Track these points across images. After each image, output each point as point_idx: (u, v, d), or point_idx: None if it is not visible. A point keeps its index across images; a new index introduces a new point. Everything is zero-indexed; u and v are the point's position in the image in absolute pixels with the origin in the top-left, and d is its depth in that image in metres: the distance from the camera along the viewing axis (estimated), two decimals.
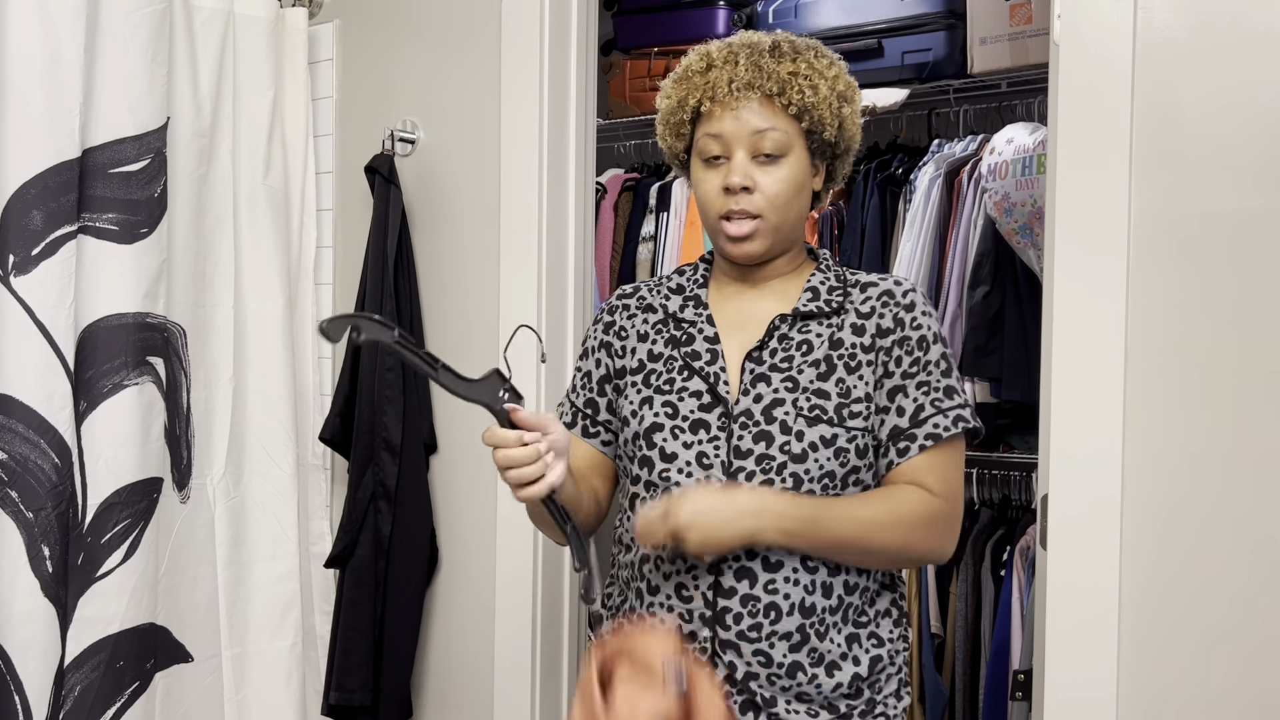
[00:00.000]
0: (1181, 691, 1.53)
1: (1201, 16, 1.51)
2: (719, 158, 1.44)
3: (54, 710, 2.04)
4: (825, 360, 1.45)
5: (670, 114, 1.50)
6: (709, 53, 1.46)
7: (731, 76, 1.42)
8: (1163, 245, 1.54)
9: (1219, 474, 1.51)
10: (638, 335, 1.54)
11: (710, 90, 1.43)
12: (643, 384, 1.50)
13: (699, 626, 1.40)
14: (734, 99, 1.42)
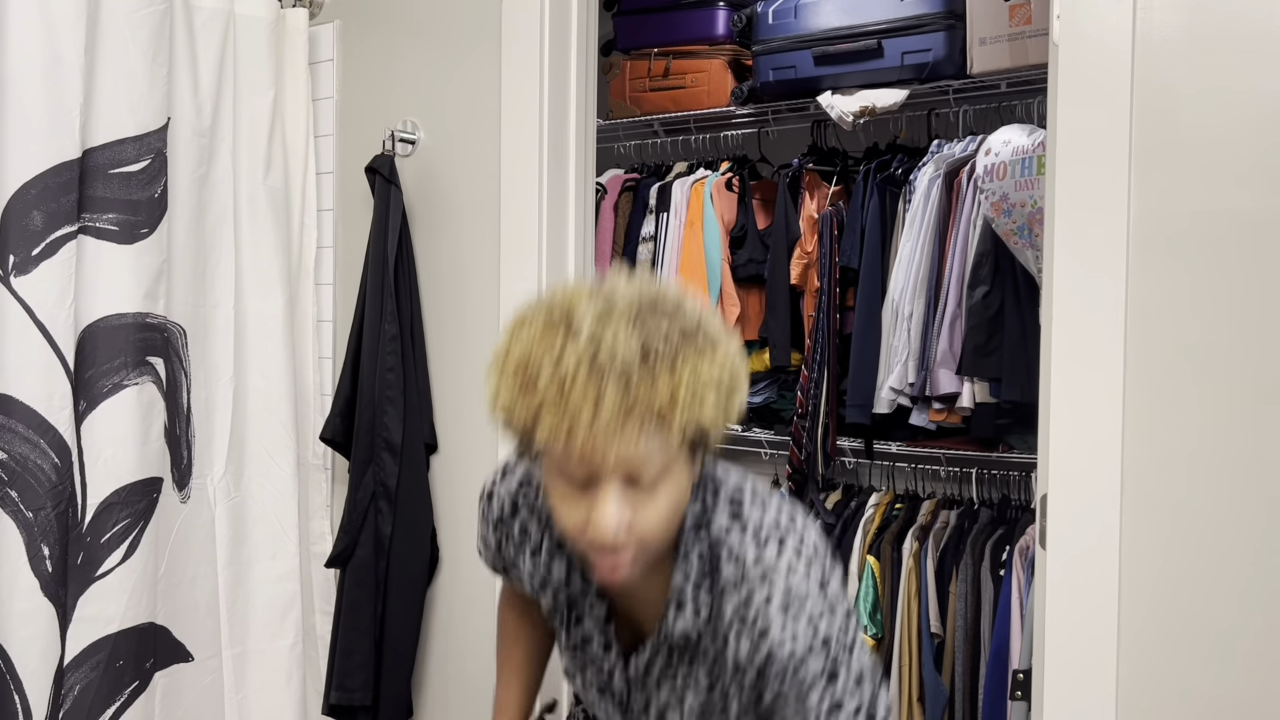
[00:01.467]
0: (1181, 691, 1.53)
1: (1201, 16, 1.51)
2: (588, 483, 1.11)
3: (53, 709, 2.04)
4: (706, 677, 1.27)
5: (510, 419, 1.11)
6: (564, 372, 1.06)
7: (598, 410, 1.05)
8: (1162, 245, 1.54)
9: (1219, 473, 1.51)
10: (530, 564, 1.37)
11: (571, 420, 1.05)
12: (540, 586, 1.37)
13: None
14: (604, 434, 1.05)
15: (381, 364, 2.29)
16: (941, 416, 2.67)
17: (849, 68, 2.76)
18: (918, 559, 2.59)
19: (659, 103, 3.20)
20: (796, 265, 2.89)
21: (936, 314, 2.61)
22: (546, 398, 1.06)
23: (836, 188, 2.92)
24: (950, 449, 2.77)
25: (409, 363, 2.32)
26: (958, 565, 2.56)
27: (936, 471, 2.86)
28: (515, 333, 1.13)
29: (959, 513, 2.72)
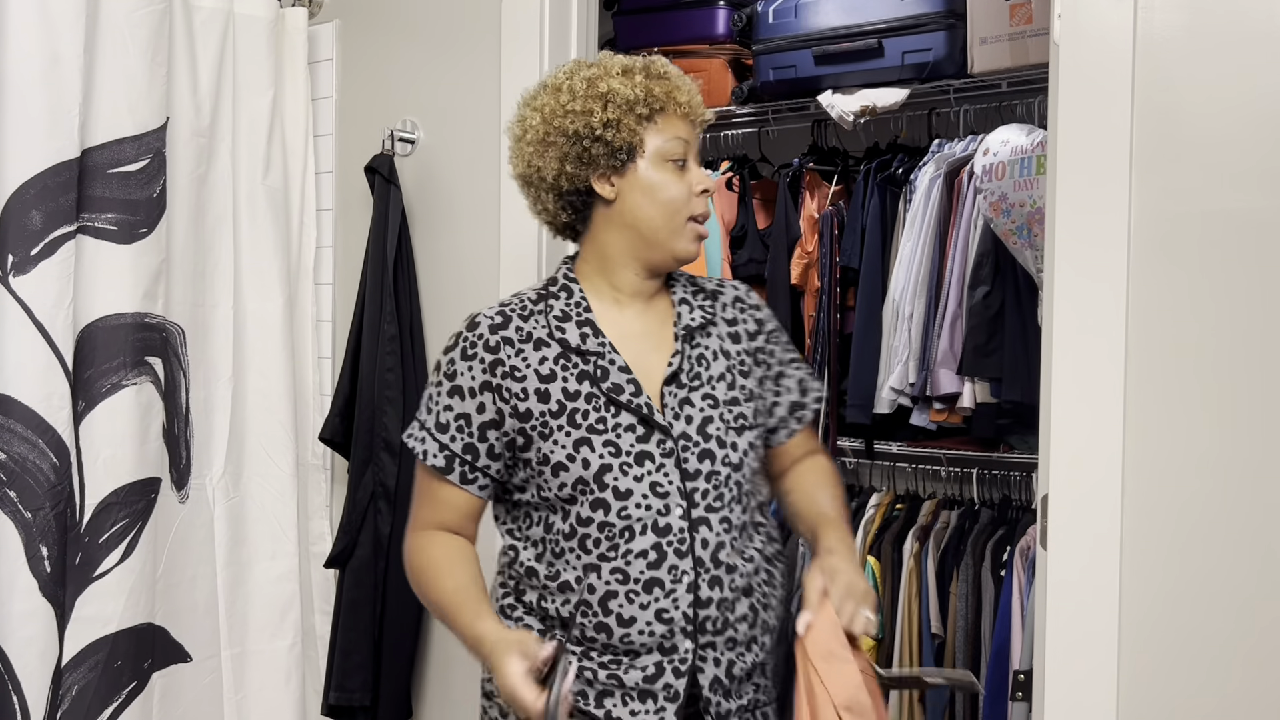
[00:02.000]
0: (1182, 691, 1.53)
1: (1202, 16, 1.51)
2: (681, 161, 1.50)
3: (51, 710, 2.04)
4: (725, 371, 1.54)
5: (634, 102, 1.46)
6: (651, 63, 1.52)
7: (686, 91, 1.52)
8: (1163, 245, 1.53)
9: (1219, 474, 1.50)
10: (538, 375, 1.47)
11: (671, 95, 1.49)
12: (569, 425, 1.45)
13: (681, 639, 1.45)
14: (690, 111, 1.52)
15: (381, 364, 2.28)
16: (942, 417, 2.67)
17: (849, 67, 2.75)
18: (918, 559, 2.59)
19: None
20: (797, 265, 2.88)
21: (937, 314, 2.60)
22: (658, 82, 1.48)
23: (837, 187, 2.91)
24: (951, 449, 2.77)
25: (408, 363, 2.32)
26: (958, 566, 2.56)
27: (937, 472, 2.85)
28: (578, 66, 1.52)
29: (960, 513, 2.71)
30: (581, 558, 1.45)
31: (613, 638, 1.44)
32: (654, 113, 1.48)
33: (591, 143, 1.46)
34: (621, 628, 1.44)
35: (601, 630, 1.45)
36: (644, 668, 1.45)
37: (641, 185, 1.48)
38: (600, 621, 1.45)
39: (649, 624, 1.44)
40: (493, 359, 1.47)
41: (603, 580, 1.44)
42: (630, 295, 1.53)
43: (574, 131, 1.46)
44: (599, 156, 1.47)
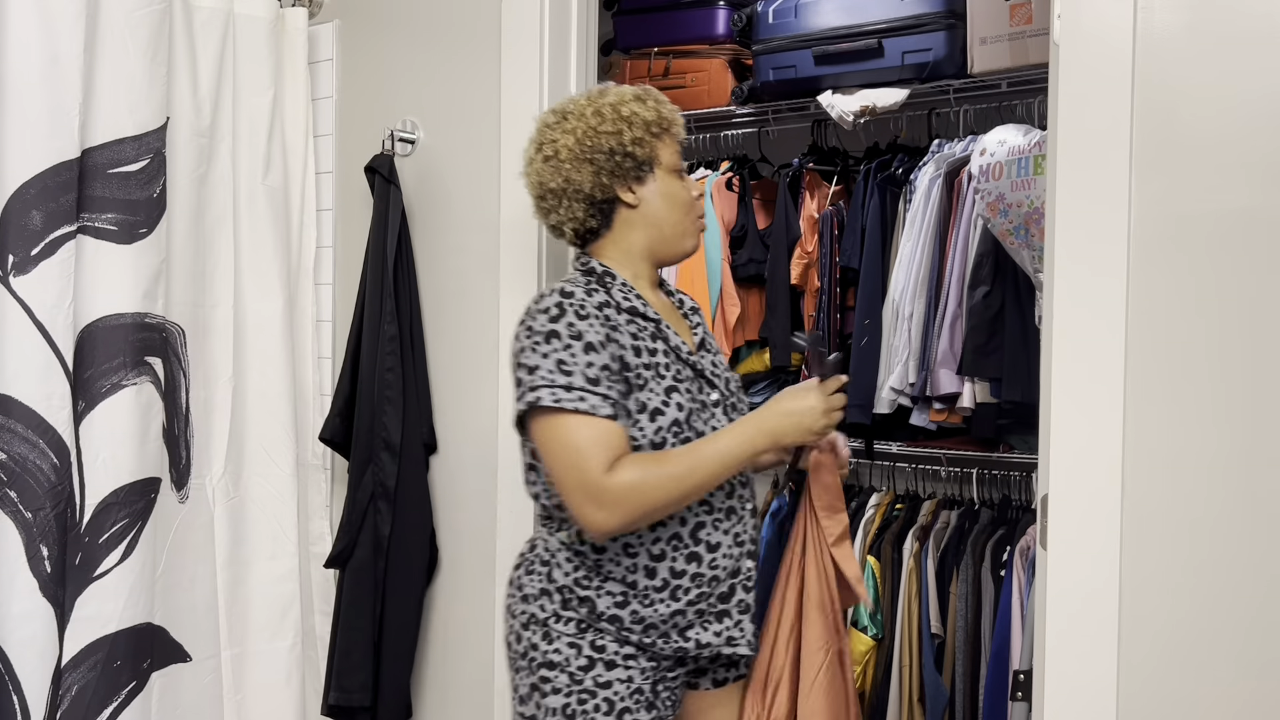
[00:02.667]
0: (1182, 691, 1.53)
1: (1201, 16, 1.51)
2: (682, 170, 1.78)
3: (51, 710, 2.04)
4: (713, 341, 1.89)
5: (651, 122, 1.73)
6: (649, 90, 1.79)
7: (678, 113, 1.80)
8: (1163, 245, 1.53)
9: (1219, 473, 1.50)
10: (631, 335, 1.68)
11: (672, 116, 1.78)
12: (658, 377, 1.67)
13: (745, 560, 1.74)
14: (681, 131, 1.80)
15: (381, 364, 2.28)
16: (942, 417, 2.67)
17: (849, 67, 2.75)
18: (918, 559, 2.59)
19: None
20: (797, 265, 2.88)
21: (937, 314, 2.61)
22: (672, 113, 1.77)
23: (837, 187, 2.91)
24: (951, 449, 2.77)
25: (408, 363, 2.32)
26: (958, 566, 2.56)
27: (937, 472, 2.85)
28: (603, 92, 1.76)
29: (959, 513, 2.71)
30: None
31: (702, 565, 1.67)
32: (663, 131, 1.75)
33: (622, 157, 1.71)
34: (710, 553, 1.68)
35: (692, 560, 1.67)
36: (720, 593, 1.69)
37: (660, 192, 1.74)
38: (691, 551, 1.67)
39: (729, 549, 1.70)
40: (601, 316, 1.65)
41: (693, 512, 1.67)
42: (647, 285, 1.78)
43: (608, 149, 1.70)
44: (628, 169, 1.72)
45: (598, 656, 1.65)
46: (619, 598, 1.65)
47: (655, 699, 1.68)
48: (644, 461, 1.59)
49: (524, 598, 1.70)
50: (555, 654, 1.65)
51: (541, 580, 1.69)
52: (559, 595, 1.67)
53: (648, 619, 1.65)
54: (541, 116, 1.79)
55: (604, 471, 1.56)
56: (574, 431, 1.57)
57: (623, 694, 1.64)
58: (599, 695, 1.63)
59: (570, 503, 1.59)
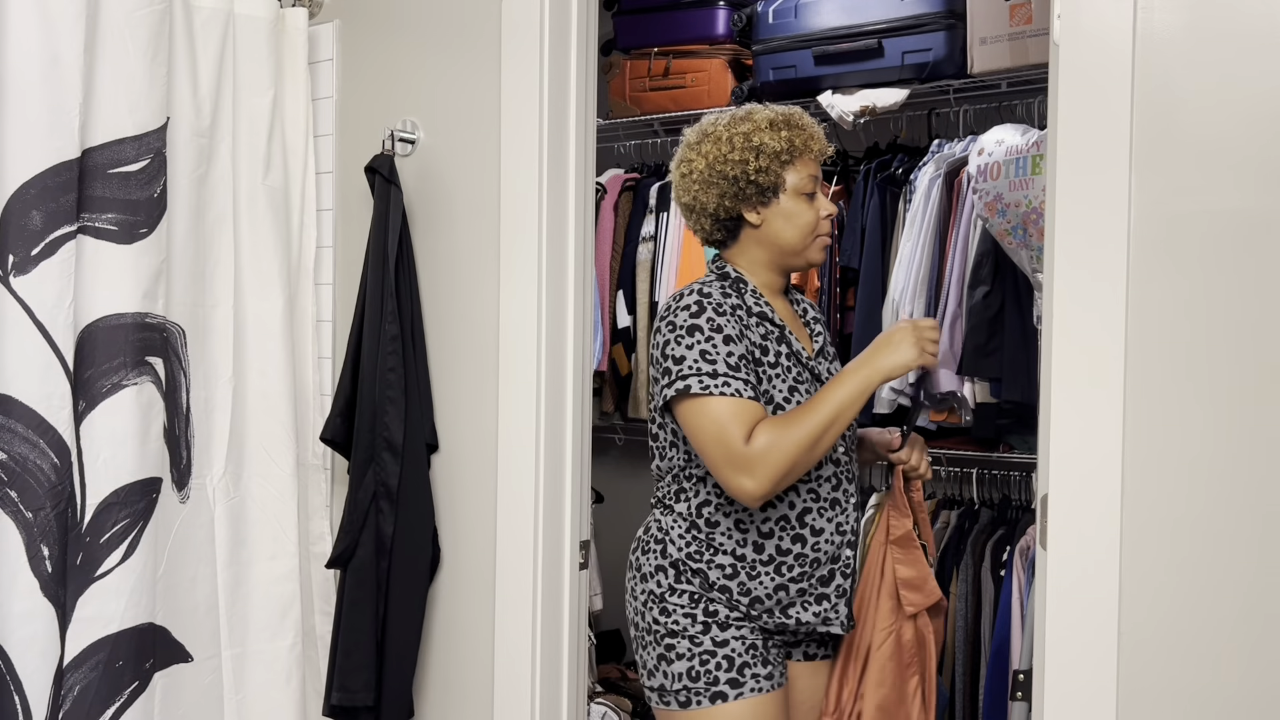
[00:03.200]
0: (1182, 692, 1.53)
1: (1201, 16, 1.51)
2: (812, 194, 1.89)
3: (53, 710, 2.04)
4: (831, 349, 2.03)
5: (779, 152, 1.85)
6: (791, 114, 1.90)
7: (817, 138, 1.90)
8: (1163, 245, 1.54)
9: (1219, 473, 1.51)
10: (760, 336, 1.85)
11: (806, 143, 1.88)
12: (782, 374, 1.85)
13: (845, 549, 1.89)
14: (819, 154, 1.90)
15: (382, 364, 2.28)
16: (942, 417, 2.67)
17: (849, 67, 2.76)
18: None
19: (659, 102, 3.20)
20: None
21: (937, 314, 2.61)
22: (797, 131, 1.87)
23: (837, 187, 2.91)
24: (951, 449, 2.77)
25: (409, 362, 2.32)
26: (958, 565, 2.56)
27: (937, 472, 2.86)
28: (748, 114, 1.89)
29: (959, 513, 2.72)
30: None
31: (805, 546, 1.83)
32: (793, 158, 1.86)
33: (746, 184, 1.85)
34: (814, 537, 1.84)
35: (797, 541, 1.83)
36: (821, 575, 1.85)
37: (783, 214, 1.87)
38: (797, 533, 1.83)
39: (831, 536, 1.86)
40: (735, 314, 1.82)
41: (800, 499, 1.84)
42: (773, 291, 1.93)
43: (733, 176, 1.85)
44: (751, 195, 1.86)
45: (712, 620, 1.83)
46: (728, 570, 1.83)
47: (768, 655, 1.86)
48: (774, 424, 1.74)
49: (642, 576, 1.90)
50: (674, 624, 1.84)
51: (657, 557, 1.88)
52: (672, 570, 1.86)
53: (753, 591, 1.83)
54: (687, 133, 1.94)
55: (744, 442, 1.72)
56: (719, 412, 1.74)
57: (740, 650, 1.82)
58: (719, 654, 1.82)
59: (720, 476, 1.75)
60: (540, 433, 2.18)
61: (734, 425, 1.73)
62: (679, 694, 1.83)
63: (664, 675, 1.85)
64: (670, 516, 1.89)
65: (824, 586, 1.86)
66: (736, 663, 1.82)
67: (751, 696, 1.81)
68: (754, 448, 1.71)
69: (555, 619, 2.22)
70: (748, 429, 1.73)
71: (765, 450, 1.71)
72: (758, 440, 1.72)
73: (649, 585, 1.87)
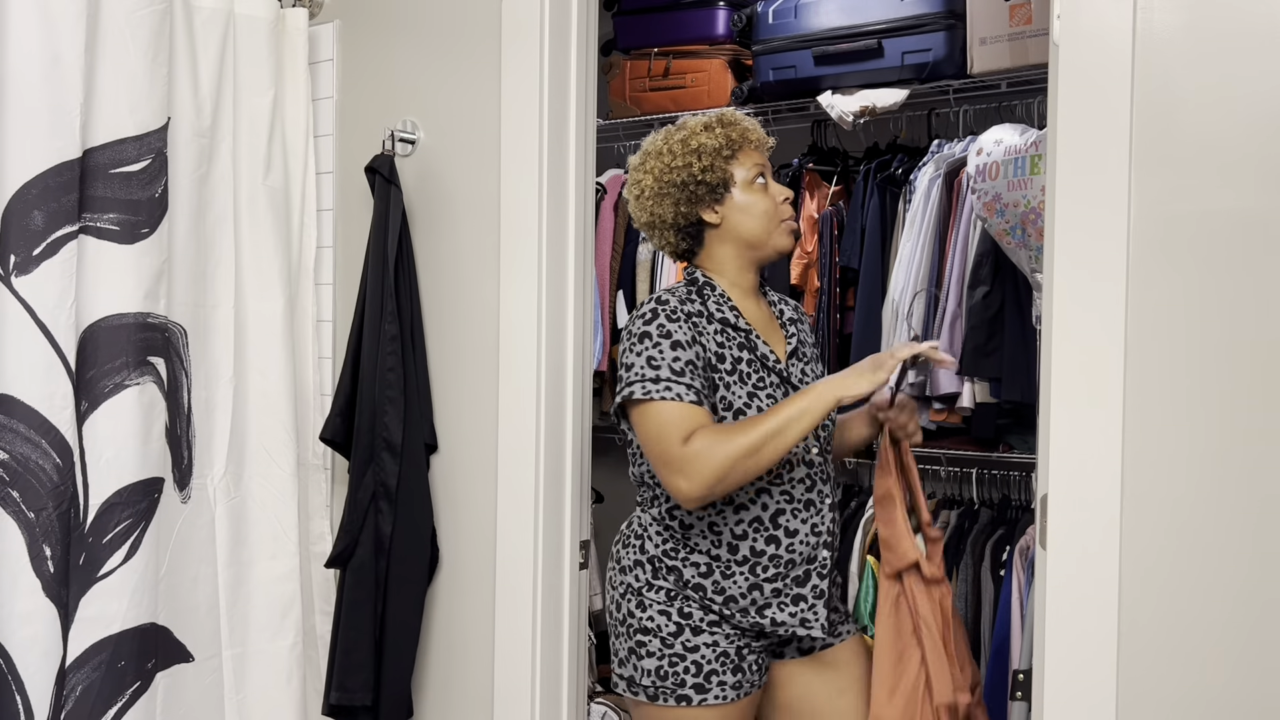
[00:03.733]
0: (1181, 691, 1.53)
1: (1201, 16, 1.51)
2: (762, 180, 1.91)
3: (55, 710, 2.04)
4: (810, 353, 2.02)
5: (719, 149, 1.89)
6: (723, 114, 1.95)
7: (754, 130, 1.94)
8: (1162, 245, 1.54)
9: (1219, 473, 1.51)
10: (714, 341, 1.85)
11: (744, 135, 1.92)
12: (741, 380, 1.85)
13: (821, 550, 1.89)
14: (759, 144, 1.94)
15: (381, 364, 2.29)
16: (942, 416, 2.67)
17: (849, 67, 2.76)
18: None
19: (659, 102, 3.20)
20: (797, 265, 2.89)
21: (936, 314, 2.61)
22: (732, 127, 1.91)
23: (836, 188, 2.92)
24: (950, 449, 2.77)
25: (409, 363, 2.32)
26: (958, 565, 2.56)
27: (937, 471, 2.86)
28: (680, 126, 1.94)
29: (959, 513, 2.72)
30: (755, 483, 1.84)
31: (780, 548, 1.85)
32: (734, 152, 1.90)
33: (695, 186, 1.88)
34: (788, 538, 1.85)
35: (771, 542, 1.84)
36: (796, 576, 1.85)
37: (739, 207, 1.90)
38: (771, 534, 1.85)
39: (806, 537, 1.86)
40: (689, 321, 1.83)
41: (774, 500, 1.85)
42: (745, 291, 1.94)
43: (681, 181, 1.89)
44: (703, 195, 1.89)
45: (685, 623, 1.85)
46: (703, 569, 1.85)
47: (741, 663, 1.86)
48: (716, 430, 1.75)
49: (621, 569, 1.93)
50: (649, 621, 1.87)
51: (635, 552, 1.91)
52: (649, 565, 1.88)
53: (728, 590, 1.84)
54: (631, 159, 1.99)
55: (682, 444, 1.74)
56: (659, 415, 1.76)
57: (709, 657, 1.84)
58: (688, 658, 1.84)
59: (660, 477, 1.77)
60: (540, 433, 2.18)
61: (672, 429, 1.74)
62: (647, 688, 1.87)
63: (634, 668, 1.88)
64: (647, 516, 1.92)
65: (800, 587, 1.86)
66: (704, 669, 1.83)
67: (715, 705, 1.83)
68: (688, 450, 1.72)
69: (555, 619, 2.22)
70: (686, 432, 1.74)
71: (699, 453, 1.71)
72: (694, 444, 1.72)
73: (627, 579, 1.91)
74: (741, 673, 1.86)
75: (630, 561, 1.92)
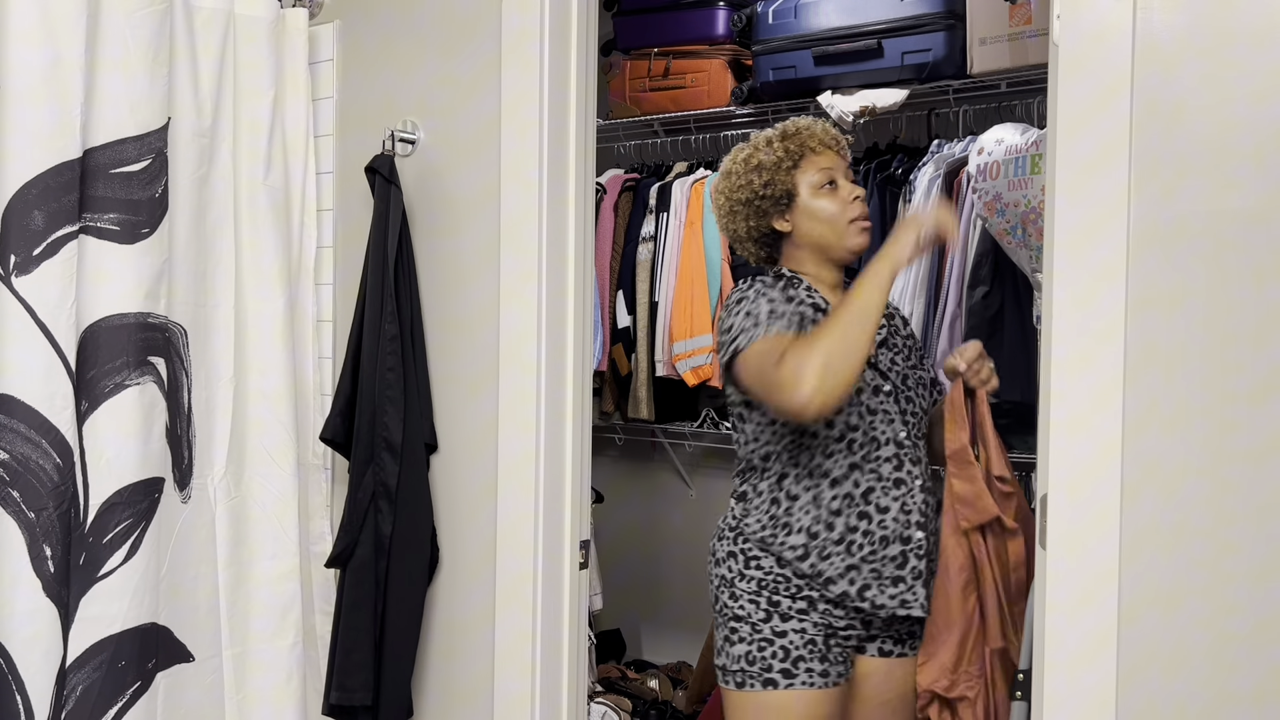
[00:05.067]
0: (1181, 691, 1.54)
1: (1201, 16, 1.52)
2: (831, 184, 1.96)
3: (56, 710, 2.04)
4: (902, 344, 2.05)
5: (778, 162, 1.96)
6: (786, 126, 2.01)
7: (817, 135, 1.99)
8: (1162, 245, 1.54)
9: (1218, 473, 1.51)
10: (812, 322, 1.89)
11: (805, 144, 1.97)
12: None
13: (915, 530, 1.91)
14: (827, 147, 1.98)
15: (381, 364, 2.29)
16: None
17: (849, 68, 2.76)
18: None
19: (659, 103, 3.20)
20: None
21: (936, 314, 2.61)
22: (796, 136, 1.98)
23: None
24: None
25: (409, 363, 2.32)
26: None
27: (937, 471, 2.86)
28: (747, 143, 2.02)
29: None
30: (848, 457, 1.90)
31: (871, 524, 1.88)
32: (796, 162, 1.96)
33: (760, 201, 1.97)
34: (879, 514, 1.89)
35: (863, 518, 1.88)
36: (892, 556, 1.88)
37: (806, 213, 1.96)
38: (862, 510, 1.89)
39: (898, 515, 1.89)
40: (785, 292, 1.91)
41: (865, 477, 1.90)
42: (830, 286, 2.00)
43: (746, 199, 1.99)
44: (769, 208, 1.98)
45: (774, 610, 1.90)
46: (800, 551, 1.89)
47: (828, 652, 1.90)
48: (802, 338, 1.80)
49: (716, 562, 1.99)
50: (740, 609, 1.92)
51: (729, 544, 1.96)
52: (742, 557, 1.93)
53: (825, 572, 1.88)
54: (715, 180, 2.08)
55: (778, 364, 1.78)
56: (756, 352, 1.83)
57: (797, 643, 1.88)
58: (776, 644, 1.88)
59: (775, 405, 1.82)
60: (540, 433, 2.18)
61: (766, 356, 1.80)
62: (735, 675, 1.91)
63: (726, 655, 1.94)
64: (744, 504, 1.97)
65: (898, 569, 1.89)
66: (792, 654, 1.88)
67: (802, 689, 1.87)
68: (785, 364, 1.76)
69: (555, 619, 2.22)
70: (780, 353, 1.78)
71: (796, 362, 1.74)
72: (788, 358, 1.76)
73: (721, 570, 1.97)
74: (829, 662, 1.90)
75: (724, 554, 1.97)
